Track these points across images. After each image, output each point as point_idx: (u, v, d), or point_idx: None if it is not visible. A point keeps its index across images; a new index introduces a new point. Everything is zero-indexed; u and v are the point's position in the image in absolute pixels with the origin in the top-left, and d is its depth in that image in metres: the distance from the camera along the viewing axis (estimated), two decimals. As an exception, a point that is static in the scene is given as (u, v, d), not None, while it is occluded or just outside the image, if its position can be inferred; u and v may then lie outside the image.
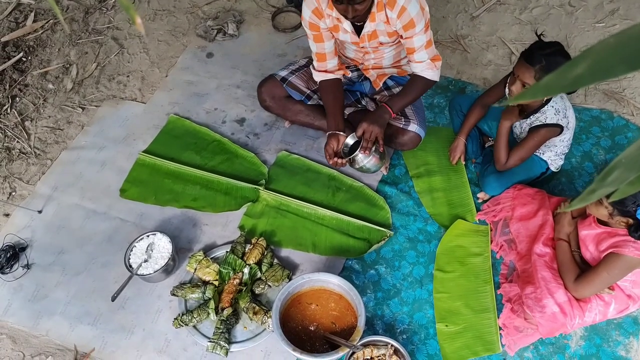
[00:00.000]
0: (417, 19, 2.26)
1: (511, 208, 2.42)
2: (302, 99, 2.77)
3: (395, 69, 2.67)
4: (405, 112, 2.62)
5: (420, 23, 2.28)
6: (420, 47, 2.36)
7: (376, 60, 2.61)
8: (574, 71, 0.52)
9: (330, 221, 2.58)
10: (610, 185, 0.60)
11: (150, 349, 2.24)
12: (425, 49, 2.37)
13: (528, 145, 2.32)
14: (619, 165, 0.59)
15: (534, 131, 2.30)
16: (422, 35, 2.33)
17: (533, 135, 2.30)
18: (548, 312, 2.02)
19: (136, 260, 2.36)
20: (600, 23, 3.34)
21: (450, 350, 2.18)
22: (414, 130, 2.59)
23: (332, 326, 2.20)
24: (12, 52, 3.34)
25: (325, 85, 2.59)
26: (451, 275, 2.38)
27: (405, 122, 2.60)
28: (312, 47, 2.53)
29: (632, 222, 1.90)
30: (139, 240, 2.40)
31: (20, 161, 2.90)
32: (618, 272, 1.95)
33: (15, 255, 2.49)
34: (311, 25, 2.42)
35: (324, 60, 2.55)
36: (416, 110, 2.64)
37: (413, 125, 2.59)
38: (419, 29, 2.30)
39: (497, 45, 3.30)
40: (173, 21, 3.57)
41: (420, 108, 2.68)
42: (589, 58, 0.52)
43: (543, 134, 2.28)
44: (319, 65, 2.57)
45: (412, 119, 2.60)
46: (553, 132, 2.28)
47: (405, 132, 2.59)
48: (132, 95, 3.18)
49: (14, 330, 2.33)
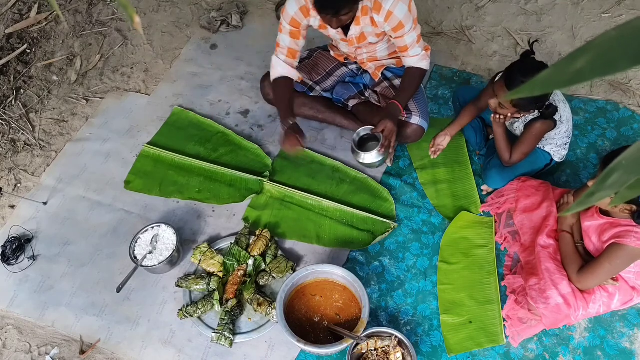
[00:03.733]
0: (405, 20, 2.24)
1: (515, 200, 2.42)
2: (304, 91, 2.76)
3: (393, 60, 2.66)
4: (408, 105, 2.61)
5: (409, 23, 2.26)
6: (413, 44, 2.36)
7: (369, 54, 2.60)
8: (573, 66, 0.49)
9: (335, 213, 2.58)
10: (609, 189, 0.58)
11: (155, 340, 2.25)
12: (417, 44, 2.37)
13: (527, 140, 2.32)
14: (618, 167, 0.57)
15: (529, 126, 2.30)
16: (413, 32, 2.31)
17: (530, 130, 2.30)
18: (552, 303, 2.02)
19: (141, 251, 2.36)
20: (607, 13, 3.31)
21: (454, 341, 2.19)
22: (417, 122, 2.58)
23: (336, 318, 2.21)
24: (17, 44, 3.34)
25: (285, 84, 2.51)
26: (455, 267, 2.38)
27: (408, 115, 2.59)
28: (284, 41, 2.44)
29: (635, 209, 1.89)
30: (143, 232, 2.40)
31: (25, 153, 2.91)
32: (620, 263, 1.95)
33: (20, 247, 2.51)
34: (293, 20, 2.37)
35: (294, 57, 2.49)
36: (418, 103, 2.62)
37: (415, 117, 2.58)
38: (408, 28, 2.28)
39: (502, 36, 3.28)
40: (177, 12, 3.56)
41: (422, 100, 2.66)
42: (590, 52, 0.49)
43: (538, 127, 2.28)
44: (287, 60, 2.48)
45: (415, 112, 2.59)
46: (548, 125, 2.29)
47: (408, 125, 2.58)
48: (136, 87, 3.18)
49: (20, 321, 2.35)
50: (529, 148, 2.35)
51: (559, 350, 2.16)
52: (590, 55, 0.49)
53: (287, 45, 2.45)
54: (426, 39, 3.29)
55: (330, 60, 2.77)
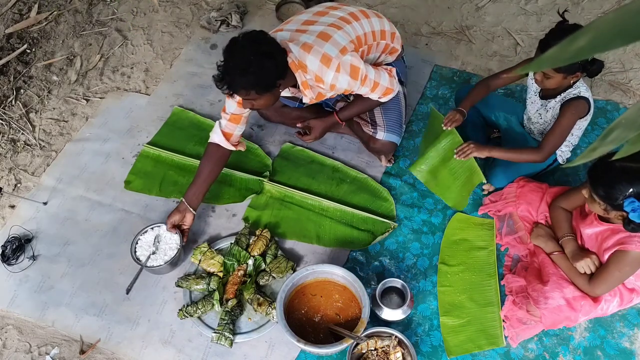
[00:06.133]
0: (351, 85, 2.21)
1: (515, 205, 2.38)
2: (296, 106, 2.76)
3: None
4: (375, 118, 2.59)
5: (355, 85, 2.23)
6: (367, 93, 2.34)
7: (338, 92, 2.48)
8: (575, 44, 0.56)
9: (335, 213, 2.58)
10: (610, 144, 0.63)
11: (155, 339, 2.25)
12: (372, 92, 2.33)
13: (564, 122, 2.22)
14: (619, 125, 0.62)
15: (568, 104, 2.21)
16: (363, 88, 2.28)
17: (569, 108, 2.20)
18: (553, 304, 2.02)
19: (143, 252, 2.36)
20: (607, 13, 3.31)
21: (453, 343, 2.19)
22: (382, 138, 2.58)
23: (336, 317, 2.21)
24: (17, 44, 3.34)
25: (215, 151, 2.38)
26: (455, 269, 2.37)
27: (374, 130, 2.59)
28: (230, 107, 2.32)
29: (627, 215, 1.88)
30: (143, 232, 2.40)
31: (25, 153, 2.91)
32: (629, 269, 1.94)
33: (21, 247, 2.51)
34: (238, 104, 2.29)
35: (237, 123, 2.36)
36: (387, 116, 2.58)
37: (380, 133, 2.58)
38: (357, 87, 2.25)
39: (502, 36, 3.28)
40: (177, 12, 3.56)
41: (393, 112, 2.59)
42: (590, 32, 0.55)
43: (576, 106, 2.20)
44: (227, 126, 2.36)
45: (380, 126, 2.57)
46: (583, 107, 2.22)
47: (375, 140, 2.60)
48: (136, 87, 3.18)
49: (20, 321, 2.35)
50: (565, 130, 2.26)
51: (559, 350, 2.16)
52: (590, 35, 0.55)
53: (231, 112, 2.34)
54: (426, 39, 3.29)
55: None
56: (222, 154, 2.41)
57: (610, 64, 3.08)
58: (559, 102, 2.26)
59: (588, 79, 2.94)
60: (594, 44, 0.55)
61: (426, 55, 3.20)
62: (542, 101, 2.35)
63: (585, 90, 2.21)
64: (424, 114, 2.93)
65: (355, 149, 2.82)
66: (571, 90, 2.22)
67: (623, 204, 1.77)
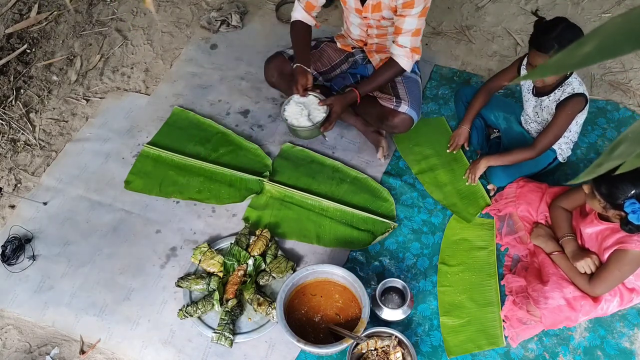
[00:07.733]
0: (417, 1, 2.26)
1: (515, 205, 2.39)
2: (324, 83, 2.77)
3: None
4: (398, 92, 2.58)
5: (419, 6, 2.28)
6: (408, 32, 2.35)
7: (379, 39, 2.59)
8: (582, 49, 0.54)
9: (335, 213, 2.58)
10: (617, 159, 0.61)
11: (155, 339, 2.25)
12: (411, 36, 2.36)
13: (560, 122, 2.23)
14: (625, 139, 0.60)
15: (564, 104, 2.20)
16: (415, 20, 2.31)
17: (564, 109, 2.20)
18: (553, 304, 2.02)
19: (296, 117, 2.50)
20: (607, 13, 3.31)
21: (453, 343, 2.19)
22: (405, 111, 2.53)
23: (336, 317, 2.21)
24: (17, 44, 3.34)
25: (301, 26, 2.60)
26: (455, 269, 2.37)
27: (397, 103, 2.55)
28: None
29: (625, 215, 1.88)
30: (287, 103, 2.54)
31: (26, 153, 2.91)
32: (629, 268, 1.94)
33: (21, 247, 2.51)
34: None
35: (312, 9, 2.56)
36: (410, 92, 2.58)
37: (404, 106, 2.53)
38: (415, 11, 2.29)
39: (502, 36, 3.28)
40: (177, 12, 3.56)
41: (415, 90, 2.61)
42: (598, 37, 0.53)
43: (572, 105, 2.19)
44: (307, 8, 2.57)
45: (404, 100, 2.55)
46: (580, 104, 2.21)
47: (397, 113, 2.53)
48: (136, 87, 3.18)
49: (20, 320, 2.35)
50: (561, 131, 2.26)
51: (559, 350, 2.16)
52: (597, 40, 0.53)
53: None
54: (426, 39, 3.29)
55: (337, 51, 2.77)
56: (306, 28, 2.61)
57: (611, 63, 3.08)
58: (554, 102, 2.26)
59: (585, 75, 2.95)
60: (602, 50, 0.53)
61: (426, 55, 3.19)
62: (536, 98, 2.35)
63: (579, 85, 2.21)
64: (424, 114, 2.92)
65: (355, 149, 2.82)
66: (565, 88, 2.22)
67: (623, 204, 1.77)
